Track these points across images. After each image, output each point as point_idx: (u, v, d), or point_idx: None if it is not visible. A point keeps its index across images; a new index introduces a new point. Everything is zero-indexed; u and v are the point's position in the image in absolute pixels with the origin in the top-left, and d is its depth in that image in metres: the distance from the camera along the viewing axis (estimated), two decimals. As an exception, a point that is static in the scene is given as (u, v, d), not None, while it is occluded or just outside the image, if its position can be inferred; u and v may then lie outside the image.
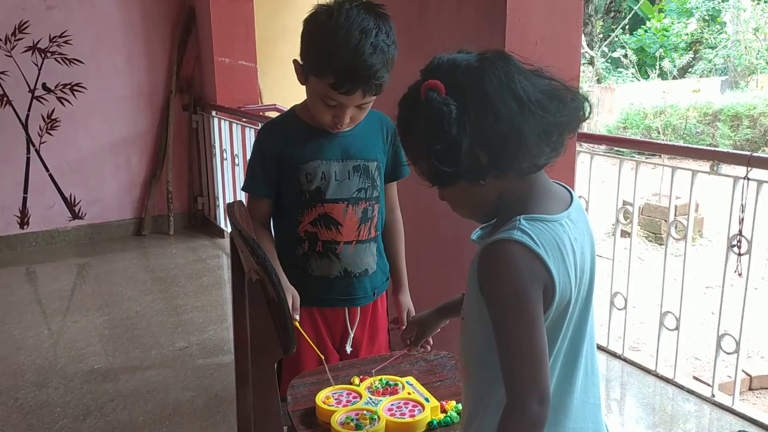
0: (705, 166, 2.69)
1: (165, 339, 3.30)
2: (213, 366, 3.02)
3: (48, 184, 4.77)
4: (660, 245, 5.82)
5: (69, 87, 4.70)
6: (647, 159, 4.05)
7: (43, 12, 4.55)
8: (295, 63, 1.67)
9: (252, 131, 4.20)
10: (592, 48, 13.03)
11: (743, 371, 3.27)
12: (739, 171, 2.48)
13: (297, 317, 1.64)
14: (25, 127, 4.65)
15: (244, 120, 4.45)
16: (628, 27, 13.83)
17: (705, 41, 13.37)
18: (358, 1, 1.58)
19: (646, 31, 13.65)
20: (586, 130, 4.16)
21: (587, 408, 1.12)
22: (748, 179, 2.45)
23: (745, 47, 12.22)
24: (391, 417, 1.45)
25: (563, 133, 1.05)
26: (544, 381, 0.98)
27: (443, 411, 1.48)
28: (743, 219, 2.49)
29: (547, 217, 1.04)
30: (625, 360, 2.99)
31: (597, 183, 3.16)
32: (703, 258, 5.54)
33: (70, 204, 4.86)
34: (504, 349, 1.00)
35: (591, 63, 12.91)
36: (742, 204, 2.49)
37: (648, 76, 13.10)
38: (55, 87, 4.67)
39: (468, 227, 1.15)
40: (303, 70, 1.65)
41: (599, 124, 10.85)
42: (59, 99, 4.69)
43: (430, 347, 1.61)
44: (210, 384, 2.87)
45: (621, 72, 13.41)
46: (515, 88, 1.00)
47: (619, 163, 3.02)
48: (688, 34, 13.47)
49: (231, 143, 4.59)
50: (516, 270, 0.99)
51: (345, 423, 1.43)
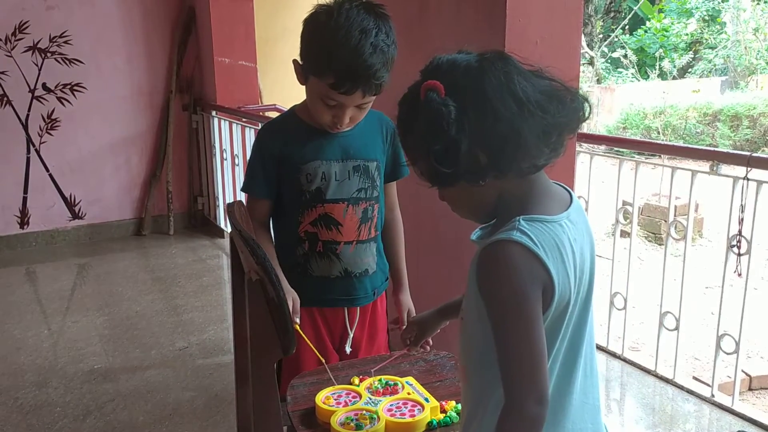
0: (705, 166, 2.69)
1: (165, 339, 3.30)
2: (213, 366, 3.03)
3: (48, 184, 4.77)
4: (660, 245, 5.82)
5: (69, 87, 4.70)
6: (647, 159, 4.05)
7: (43, 12, 4.55)
8: (295, 63, 1.67)
9: (252, 131, 4.20)
10: (592, 48, 13.02)
11: (743, 371, 3.27)
12: (739, 171, 2.48)
13: (297, 320, 1.64)
14: (25, 127, 4.65)
15: (244, 120, 4.45)
16: (628, 27, 13.82)
17: (705, 41, 13.37)
18: (358, 1, 1.58)
19: (646, 32, 13.65)
20: (585, 130, 4.16)
21: (586, 409, 1.12)
22: (747, 179, 2.46)
23: (745, 47, 12.22)
24: (391, 417, 1.45)
25: (563, 134, 1.05)
26: (542, 381, 0.98)
27: (443, 411, 1.48)
28: (743, 219, 2.49)
29: (547, 218, 1.04)
30: (625, 360, 2.99)
31: (597, 183, 3.16)
32: (703, 258, 5.54)
33: (70, 204, 4.86)
34: (502, 350, 1.00)
35: (591, 63, 12.91)
36: (741, 204, 2.49)
37: (648, 76, 13.10)
38: (55, 87, 4.67)
39: (468, 227, 1.15)
40: (303, 70, 1.65)
41: (599, 124, 10.84)
42: (59, 99, 4.69)
43: (429, 347, 1.61)
44: (210, 384, 2.87)
45: (621, 72, 13.41)
46: (515, 88, 1.00)
47: (619, 164, 3.02)
48: (688, 34, 13.46)
49: (231, 143, 4.59)
50: (515, 271, 0.99)
51: (345, 423, 1.43)
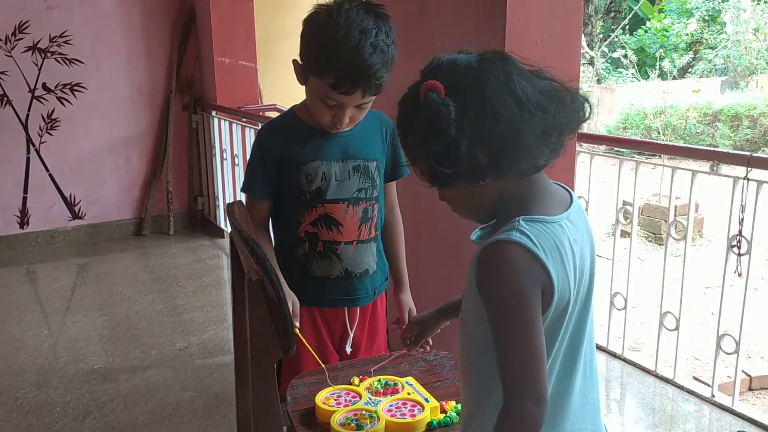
0: (705, 166, 2.69)
1: (165, 339, 3.30)
2: (213, 366, 3.02)
3: (48, 184, 4.77)
4: (660, 245, 5.82)
5: (69, 87, 4.70)
6: (647, 159, 4.05)
7: (43, 12, 4.55)
8: (295, 63, 1.66)
9: (252, 131, 4.20)
10: (592, 48, 13.02)
11: (743, 371, 3.27)
12: (739, 171, 2.48)
13: (297, 323, 1.63)
14: (25, 127, 4.65)
15: (244, 120, 4.45)
16: (628, 27, 13.82)
17: (705, 41, 13.37)
18: (357, 1, 1.58)
19: (646, 32, 13.65)
20: (586, 130, 4.15)
21: (586, 409, 1.12)
22: (747, 179, 2.45)
23: (745, 47, 12.21)
24: (391, 417, 1.45)
25: (562, 134, 1.05)
26: (541, 382, 0.98)
27: (443, 411, 1.48)
28: (743, 219, 2.49)
29: (547, 219, 1.04)
30: (625, 360, 2.99)
31: (597, 183, 3.16)
32: (703, 258, 5.54)
33: (70, 204, 4.86)
34: (502, 350, 1.00)
35: (591, 63, 12.91)
36: (741, 204, 2.49)
37: (648, 76, 13.09)
38: (55, 87, 4.67)
39: (468, 227, 1.15)
40: (302, 70, 1.65)
41: (599, 124, 10.84)
42: (59, 99, 4.69)
43: (429, 347, 1.61)
44: (210, 384, 2.87)
45: (621, 72, 13.40)
46: (514, 88, 1.00)
47: (619, 164, 3.02)
48: (688, 34, 13.46)
49: (231, 143, 4.59)
50: (515, 271, 0.99)
51: (345, 423, 1.43)
